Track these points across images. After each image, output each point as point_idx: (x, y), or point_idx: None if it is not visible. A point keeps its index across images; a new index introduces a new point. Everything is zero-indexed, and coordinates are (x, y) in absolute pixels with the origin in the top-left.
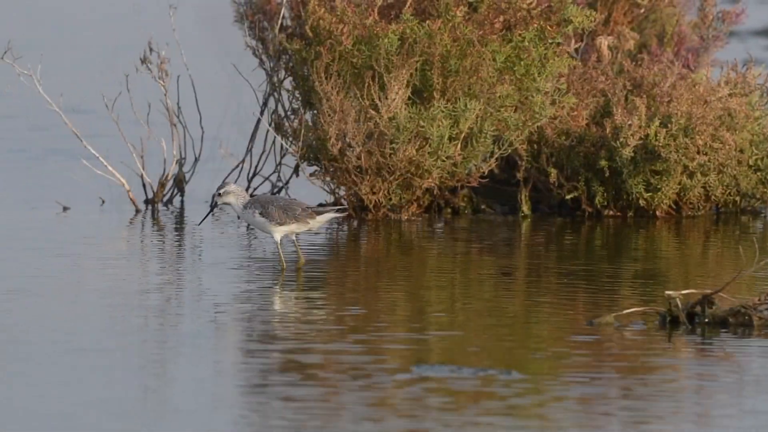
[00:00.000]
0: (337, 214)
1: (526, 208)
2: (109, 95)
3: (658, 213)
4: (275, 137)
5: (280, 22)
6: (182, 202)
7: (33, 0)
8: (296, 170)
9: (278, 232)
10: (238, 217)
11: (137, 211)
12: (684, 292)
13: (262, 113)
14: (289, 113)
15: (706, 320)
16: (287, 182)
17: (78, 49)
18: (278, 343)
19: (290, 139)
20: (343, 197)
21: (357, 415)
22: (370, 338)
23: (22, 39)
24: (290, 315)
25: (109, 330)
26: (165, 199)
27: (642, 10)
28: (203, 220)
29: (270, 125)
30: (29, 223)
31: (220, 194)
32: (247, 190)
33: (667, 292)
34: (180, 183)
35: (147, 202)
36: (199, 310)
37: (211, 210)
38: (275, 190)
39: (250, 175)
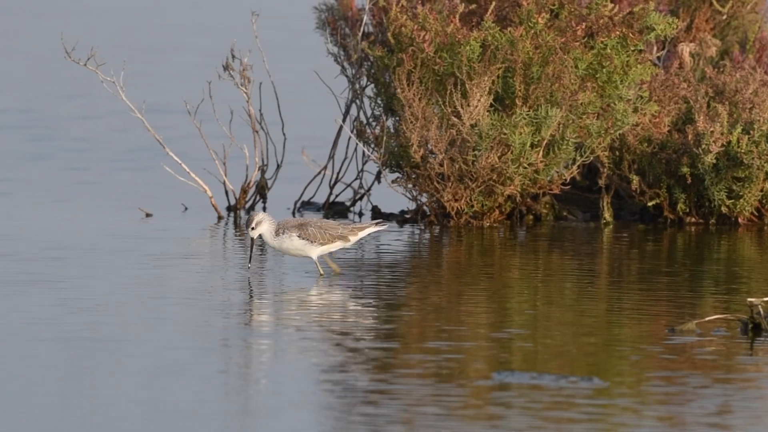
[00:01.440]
0: (378, 228)
1: (608, 215)
2: (192, 102)
3: (740, 220)
4: (357, 144)
5: (362, 29)
6: (264, 208)
7: (112, 5)
8: (378, 177)
9: (317, 253)
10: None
11: (219, 217)
12: (766, 299)
13: (344, 120)
14: (371, 120)
15: None
16: (369, 189)
17: (161, 55)
18: (358, 346)
19: (372, 145)
20: (425, 204)
21: (436, 420)
22: (451, 344)
23: (104, 45)
24: (371, 318)
25: (193, 330)
26: (247, 205)
27: (724, 17)
28: (250, 260)
29: (352, 132)
30: (113, 230)
31: (253, 228)
32: (329, 197)
33: (749, 300)
34: (262, 189)
35: (229, 208)
36: (280, 310)
37: (251, 248)
38: (357, 197)
39: (332, 181)
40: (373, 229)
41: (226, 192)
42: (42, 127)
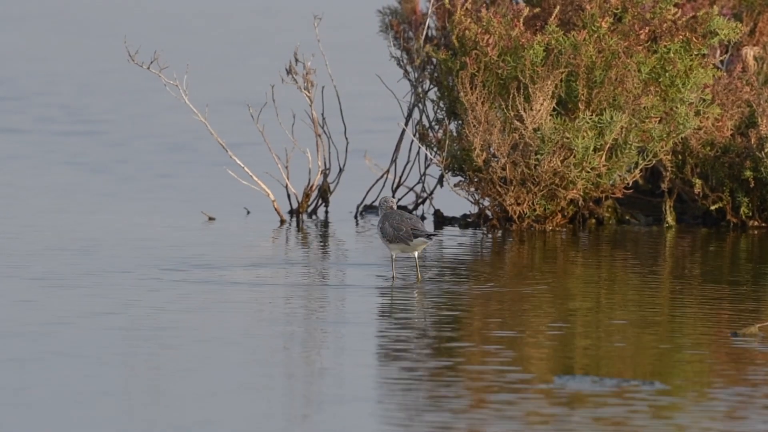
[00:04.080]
0: (427, 240)
1: (670, 219)
2: (255, 104)
3: None
4: (420, 148)
5: (425, 32)
6: (326, 212)
7: (176, 8)
8: (440, 181)
9: (390, 249)
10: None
11: (282, 221)
12: None
13: (406, 123)
14: (433, 123)
15: None
16: (431, 193)
17: (227, 58)
18: (421, 348)
19: (435, 149)
20: (487, 208)
21: (497, 424)
22: (513, 347)
23: (168, 48)
24: (433, 319)
25: (256, 323)
26: (310, 209)
27: None
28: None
29: (414, 135)
30: (176, 234)
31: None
32: None
33: None
34: (325, 193)
35: (292, 212)
36: (344, 305)
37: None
38: (419, 201)
39: (395, 185)
40: (423, 239)
41: (289, 196)
42: (116, 126)
